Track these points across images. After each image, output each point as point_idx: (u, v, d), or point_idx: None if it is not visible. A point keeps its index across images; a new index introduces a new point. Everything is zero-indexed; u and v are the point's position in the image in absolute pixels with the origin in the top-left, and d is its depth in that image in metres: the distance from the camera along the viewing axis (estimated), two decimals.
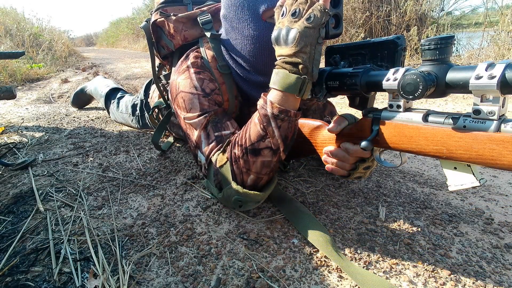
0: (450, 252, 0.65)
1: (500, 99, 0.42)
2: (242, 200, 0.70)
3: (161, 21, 0.98)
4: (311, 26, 0.56)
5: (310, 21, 0.55)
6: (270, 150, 0.66)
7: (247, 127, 0.68)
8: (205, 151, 0.76)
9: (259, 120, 0.65)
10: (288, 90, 0.59)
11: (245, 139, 0.67)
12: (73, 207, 0.86)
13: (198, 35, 0.96)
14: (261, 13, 0.73)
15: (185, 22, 0.97)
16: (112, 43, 12.88)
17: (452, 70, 0.46)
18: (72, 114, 1.92)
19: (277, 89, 0.61)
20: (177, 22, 0.96)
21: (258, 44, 0.76)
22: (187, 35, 0.97)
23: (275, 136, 0.64)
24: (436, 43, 0.46)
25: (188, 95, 0.79)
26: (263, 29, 0.74)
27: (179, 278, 0.60)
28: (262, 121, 0.64)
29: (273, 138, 0.65)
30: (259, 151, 0.66)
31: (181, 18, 0.96)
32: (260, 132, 0.65)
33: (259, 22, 0.74)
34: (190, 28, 0.97)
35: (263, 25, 0.74)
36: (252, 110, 0.92)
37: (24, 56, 3.13)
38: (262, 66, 0.79)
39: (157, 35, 1.02)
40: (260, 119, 0.64)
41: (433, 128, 0.49)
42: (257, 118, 0.65)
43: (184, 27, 0.97)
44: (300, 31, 0.56)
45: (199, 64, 0.83)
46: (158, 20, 0.98)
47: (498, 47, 2.55)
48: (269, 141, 0.65)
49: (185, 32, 0.97)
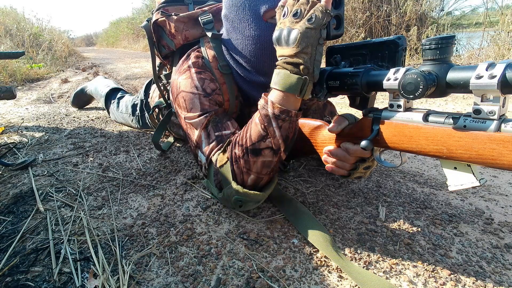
0: (450, 252, 0.65)
1: (501, 98, 0.42)
2: (242, 200, 0.70)
3: (162, 21, 0.98)
4: (312, 27, 0.56)
5: (311, 21, 0.56)
6: (271, 150, 0.66)
7: (248, 127, 0.68)
8: (206, 150, 0.76)
9: (260, 120, 0.65)
10: (289, 90, 0.59)
11: (246, 139, 0.67)
12: (73, 207, 0.86)
13: (199, 35, 0.97)
14: (262, 13, 0.73)
15: (186, 22, 0.97)
16: (112, 43, 12.89)
17: (452, 70, 0.46)
18: (72, 114, 1.92)
19: (278, 89, 0.61)
20: (178, 22, 0.96)
21: (259, 44, 0.76)
22: (188, 35, 0.97)
23: (276, 136, 0.64)
24: (437, 43, 0.46)
25: (189, 95, 0.79)
26: (264, 29, 0.74)
27: (179, 278, 0.60)
28: (263, 121, 0.64)
29: (274, 138, 0.65)
30: (259, 151, 0.66)
31: (182, 17, 0.96)
32: (261, 132, 0.65)
33: (260, 22, 0.74)
34: (191, 27, 0.97)
35: (264, 25, 0.74)
36: (252, 110, 0.92)
37: (24, 56, 3.13)
38: (263, 66, 0.79)
39: (158, 34, 1.03)
40: (261, 119, 0.64)
41: (433, 128, 0.49)
42: (258, 118, 0.65)
43: (185, 27, 0.97)
44: (302, 32, 0.56)
45: (200, 64, 0.84)
46: (159, 19, 0.99)
47: (498, 47, 2.55)
48: (270, 141, 0.65)
49: (186, 32, 0.97)
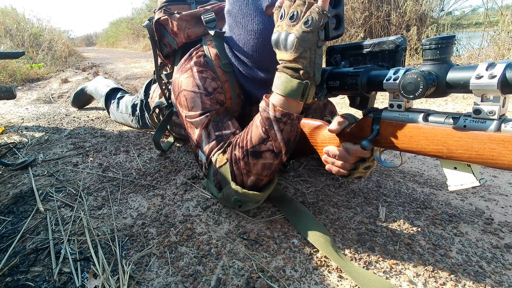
0: (450, 252, 0.65)
1: (501, 98, 0.42)
2: (242, 200, 0.70)
3: (164, 19, 0.99)
4: (309, 30, 0.54)
5: (308, 24, 0.54)
6: (271, 152, 0.65)
7: (249, 129, 0.68)
8: (206, 150, 0.76)
9: (261, 123, 0.64)
10: (291, 95, 0.59)
11: (246, 141, 0.66)
12: (73, 207, 0.86)
13: (201, 33, 0.97)
14: (265, 8, 0.73)
15: (189, 20, 0.97)
16: (112, 43, 12.88)
17: (452, 70, 0.46)
18: (72, 114, 1.92)
19: (280, 94, 0.60)
20: (180, 20, 0.96)
21: (262, 38, 0.76)
22: (190, 33, 0.97)
23: (277, 139, 0.64)
24: (437, 42, 0.46)
25: (191, 94, 0.79)
26: (267, 23, 0.74)
27: (179, 278, 0.60)
28: (264, 124, 0.63)
29: (275, 141, 0.64)
30: (260, 154, 0.66)
31: (185, 16, 0.97)
32: (262, 134, 0.64)
33: (263, 16, 0.74)
34: (194, 26, 0.97)
35: (267, 19, 0.74)
36: (254, 109, 0.92)
37: (24, 56, 3.13)
38: (264, 61, 0.79)
39: (160, 33, 1.03)
40: (262, 122, 0.64)
41: (433, 128, 0.49)
42: (259, 121, 0.65)
43: (187, 25, 0.97)
44: (298, 37, 0.55)
45: (202, 62, 0.84)
46: (162, 18, 0.99)
47: (498, 47, 2.55)
48: (271, 144, 0.65)
49: (188, 30, 0.97)
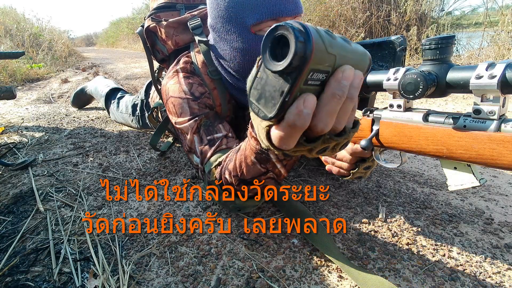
0: (450, 252, 0.65)
1: (501, 98, 0.42)
2: (240, 207, 0.70)
3: (153, 27, 0.98)
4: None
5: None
6: (271, 179, 0.58)
7: (242, 162, 0.55)
8: (199, 155, 0.74)
9: (259, 160, 0.52)
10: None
11: (240, 173, 0.57)
12: (73, 207, 0.86)
13: (189, 40, 0.95)
14: (250, 27, 0.70)
15: (176, 27, 0.96)
16: (112, 43, 12.88)
17: (452, 70, 0.46)
18: (72, 114, 1.92)
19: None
20: (168, 27, 0.95)
21: (248, 56, 0.73)
22: (178, 40, 0.96)
23: (281, 174, 0.56)
24: (437, 42, 0.46)
25: (178, 100, 0.78)
26: (252, 42, 0.72)
27: (179, 278, 0.60)
28: (265, 165, 0.53)
29: (277, 171, 0.56)
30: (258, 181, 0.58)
31: (172, 23, 0.95)
32: (261, 170, 0.55)
33: (248, 34, 0.71)
34: (181, 33, 0.96)
35: (252, 37, 0.71)
36: (246, 113, 0.91)
37: (24, 56, 3.13)
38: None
39: (152, 40, 1.02)
40: (260, 161, 0.52)
41: (433, 128, 0.49)
42: (255, 158, 0.52)
43: (175, 32, 0.96)
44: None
45: (188, 69, 0.82)
46: (151, 26, 0.99)
47: (498, 47, 2.55)
48: (271, 174, 0.56)
49: (176, 37, 0.96)
